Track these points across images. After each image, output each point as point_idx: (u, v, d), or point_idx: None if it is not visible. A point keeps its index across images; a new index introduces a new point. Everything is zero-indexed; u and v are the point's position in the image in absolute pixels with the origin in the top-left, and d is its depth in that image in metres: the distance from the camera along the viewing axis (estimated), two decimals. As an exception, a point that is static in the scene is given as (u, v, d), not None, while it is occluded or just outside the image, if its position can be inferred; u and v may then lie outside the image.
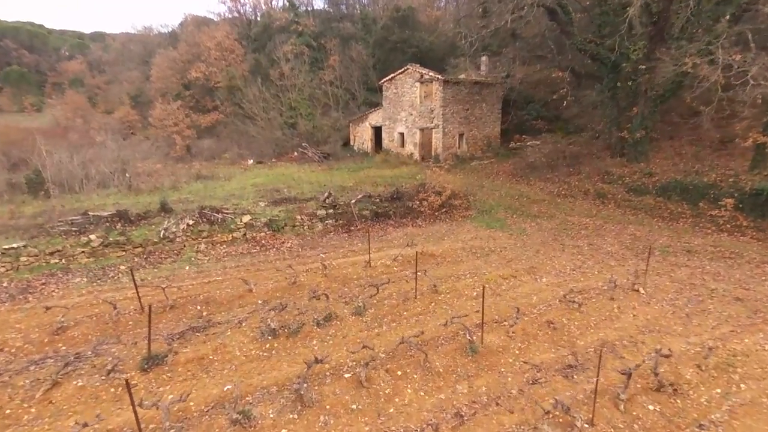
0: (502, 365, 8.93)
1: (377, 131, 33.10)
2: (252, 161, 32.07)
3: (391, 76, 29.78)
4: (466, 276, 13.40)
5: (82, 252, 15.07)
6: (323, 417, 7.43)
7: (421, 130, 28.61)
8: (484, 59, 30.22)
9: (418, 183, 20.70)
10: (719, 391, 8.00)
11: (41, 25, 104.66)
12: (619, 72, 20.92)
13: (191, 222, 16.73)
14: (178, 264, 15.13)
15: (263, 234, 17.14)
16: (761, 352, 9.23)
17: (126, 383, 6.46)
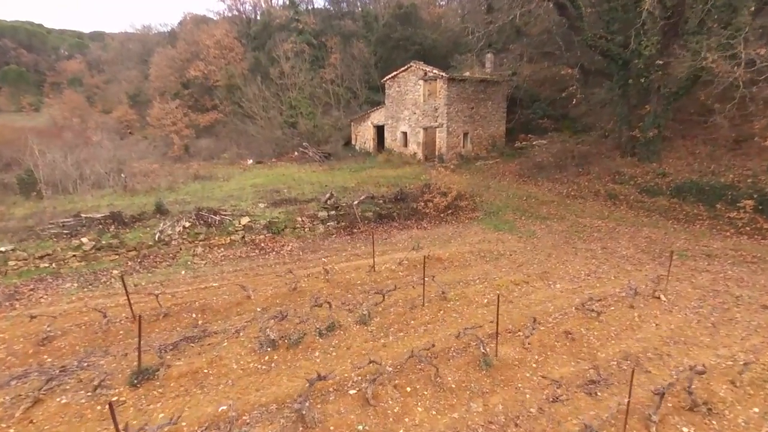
0: (518, 380, 8.29)
1: (379, 130, 32.44)
2: (251, 161, 31.42)
3: (394, 73, 29.11)
4: (475, 281, 12.75)
5: (73, 256, 14.45)
6: (327, 441, 6.80)
7: (425, 129, 27.93)
8: (489, 56, 29.54)
9: (422, 183, 20.06)
10: (757, 411, 7.36)
11: (40, 25, 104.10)
12: (630, 69, 20.26)
13: (188, 224, 16.10)
14: (173, 268, 14.50)
15: (262, 237, 16.50)
16: (798, 366, 8.59)
17: (110, 407, 5.83)
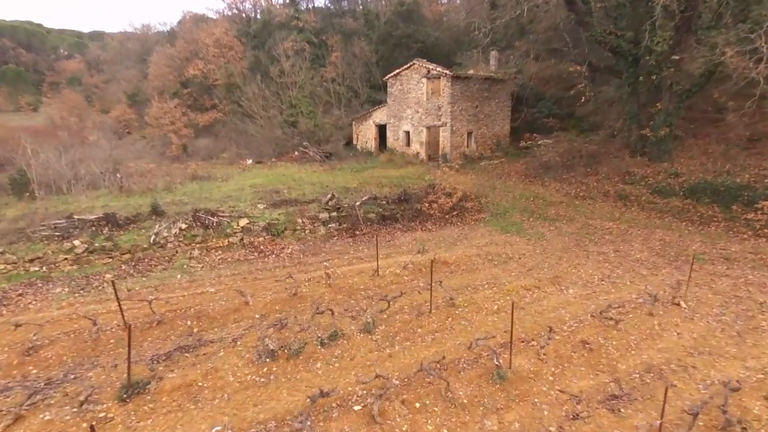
0: (535, 395, 7.73)
1: (381, 130, 31.86)
2: (251, 161, 30.86)
3: (396, 71, 28.53)
4: (484, 286, 12.19)
5: (64, 259, 13.90)
6: (330, 466, 6.24)
7: (428, 128, 27.36)
8: (493, 54, 28.96)
9: (426, 184, 19.50)
10: (796, 431, 6.79)
11: (39, 24, 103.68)
12: (640, 66, 19.70)
13: (184, 226, 15.55)
14: (169, 272, 13.95)
15: (262, 239, 15.95)
16: (835, 380, 8.02)
17: (91, 429, 5.28)
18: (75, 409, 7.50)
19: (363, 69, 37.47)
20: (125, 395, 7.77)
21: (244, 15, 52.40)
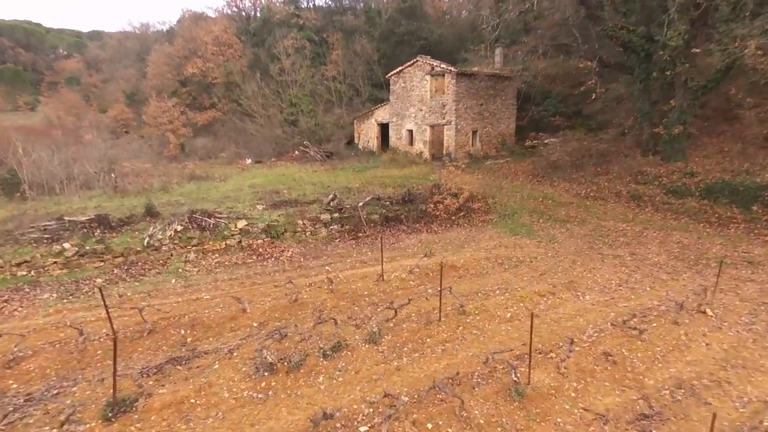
0: (557, 413, 7.08)
1: (384, 128, 31.20)
2: (250, 161, 30.20)
3: (399, 69, 27.86)
4: (495, 292, 11.53)
5: (54, 263, 13.26)
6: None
7: (432, 126, 26.69)
8: (499, 51, 28.30)
9: (431, 184, 18.83)
10: None
11: (39, 24, 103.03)
12: (653, 61, 19.02)
13: (180, 228, 14.89)
14: (163, 276, 13.30)
15: (260, 241, 15.29)
16: None
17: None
18: (55, 430, 6.88)
19: (364, 67, 36.80)
20: (110, 414, 7.13)
21: (243, 13, 51.76)
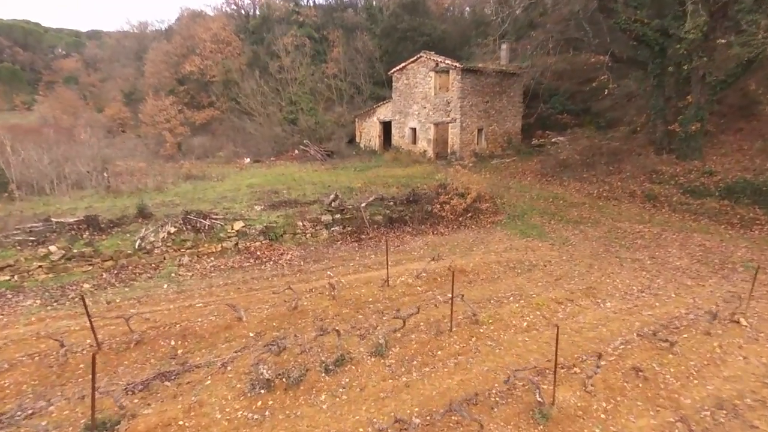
0: (587, 440, 6.33)
1: (386, 127, 30.42)
2: (248, 160, 29.45)
3: (402, 65, 27.08)
4: (509, 299, 10.78)
5: (39, 267, 12.48)
6: None
7: (436, 124, 25.91)
8: (505, 46, 27.52)
9: (437, 183, 18.07)
10: None
11: (37, 23, 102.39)
12: (668, 56, 18.25)
13: (173, 230, 14.13)
14: (155, 281, 12.56)
15: (258, 244, 14.54)
16: None
17: None
18: (25, 459, 6.13)
19: (366, 64, 36.03)
20: (88, 439, 6.38)
21: (242, 11, 51.00)
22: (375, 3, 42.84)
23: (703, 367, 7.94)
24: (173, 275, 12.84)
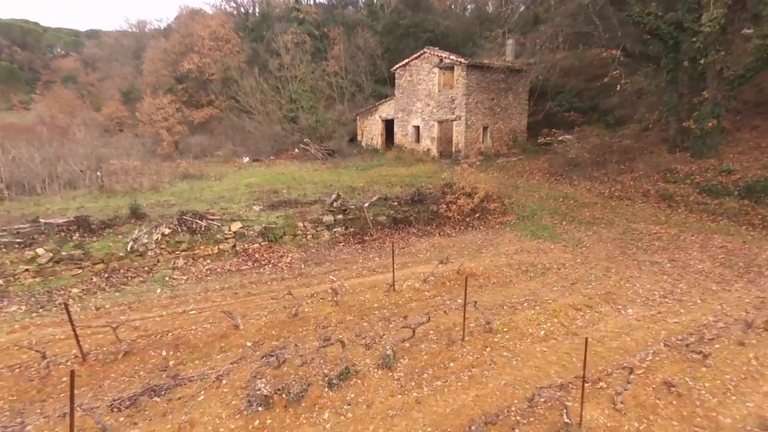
0: (621, 465, 5.68)
1: (388, 125, 29.74)
2: (247, 159, 28.79)
3: (405, 61, 26.40)
4: (523, 305, 10.12)
5: (25, 270, 11.85)
6: None
7: (440, 122, 25.25)
8: (510, 42, 26.86)
9: (443, 183, 17.43)
10: None
11: (36, 23, 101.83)
12: (682, 50, 17.59)
13: (168, 231, 13.48)
14: (147, 285, 11.92)
15: (257, 245, 13.90)
16: None
17: None
18: (-5, 488, 5.48)
19: (367, 62, 35.37)
20: (66, 466, 5.72)
21: (242, 9, 50.38)
22: (376, 0, 42.17)
23: (741, 382, 7.29)
24: (167, 279, 12.21)
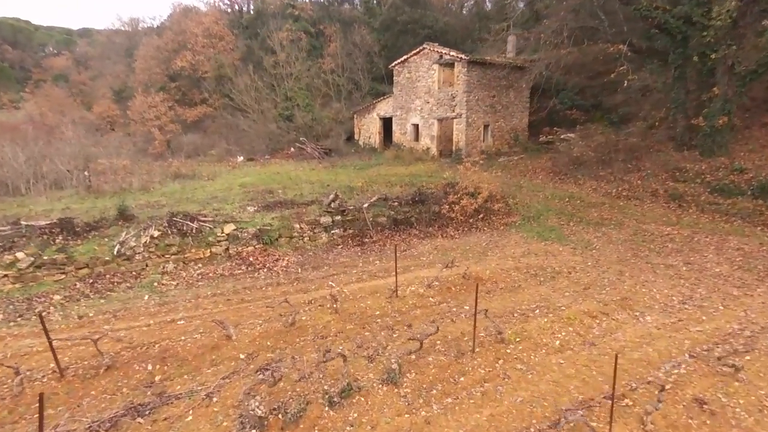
0: (657, 497, 5.08)
1: (386, 123, 29.08)
2: (242, 158, 28.07)
3: (404, 57, 25.74)
4: (534, 312, 9.51)
5: (4, 276, 11.16)
6: None
7: (440, 120, 24.63)
8: (511, 39, 26.28)
9: (445, 183, 16.82)
10: None
11: (27, 21, 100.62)
12: (690, 45, 17.06)
13: (157, 233, 12.79)
14: (134, 291, 11.24)
15: (251, 248, 13.23)
16: None
17: None
18: None
19: (364, 59, 34.70)
20: (33, 502, 5.06)
21: (236, 6, 49.56)
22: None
23: (777, 398, 6.71)
24: (156, 285, 11.52)
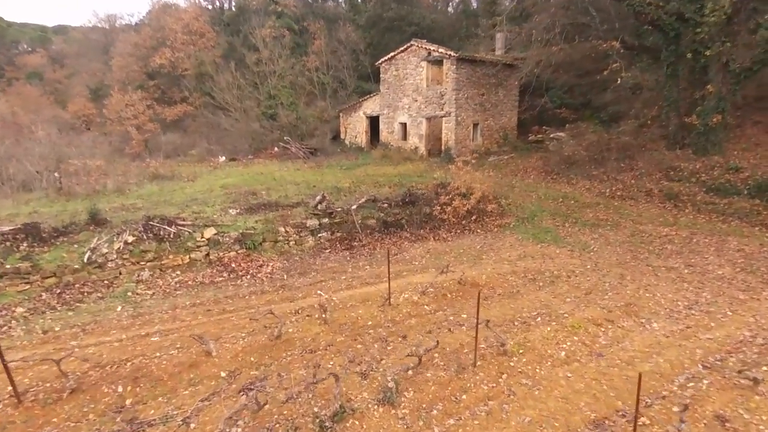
0: None
1: (373, 122, 28.44)
2: (223, 158, 27.15)
3: (391, 54, 25.15)
4: (536, 320, 8.99)
5: (-38, 287, 10.22)
6: None
7: (428, 119, 24.09)
8: (499, 36, 25.85)
9: (436, 183, 16.27)
10: None
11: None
12: (682, 43, 16.82)
13: (132, 239, 11.96)
14: (106, 302, 10.42)
15: (233, 254, 12.49)
16: None
17: None
18: None
19: (350, 57, 34.01)
20: None
21: (217, 2, 48.40)
22: (357, -7, 40.76)
23: (800, 412, 6.27)
24: (129, 294, 10.72)
